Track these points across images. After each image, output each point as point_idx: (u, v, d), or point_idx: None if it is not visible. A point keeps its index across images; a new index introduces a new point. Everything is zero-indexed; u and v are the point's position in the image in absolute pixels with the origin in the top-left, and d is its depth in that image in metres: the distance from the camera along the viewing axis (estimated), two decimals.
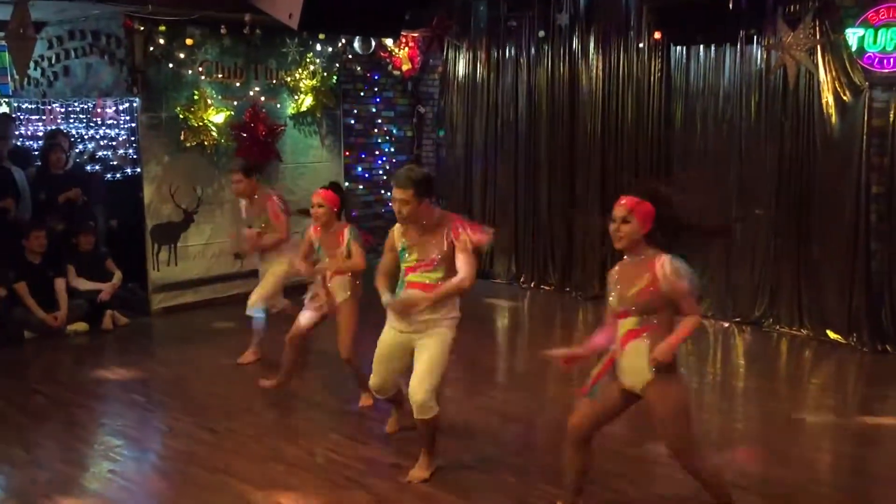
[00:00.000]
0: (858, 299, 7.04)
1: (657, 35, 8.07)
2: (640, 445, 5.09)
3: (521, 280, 9.52)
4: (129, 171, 8.64)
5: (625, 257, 3.86)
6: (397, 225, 4.51)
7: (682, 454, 3.81)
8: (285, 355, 5.74)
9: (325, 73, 9.10)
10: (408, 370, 4.56)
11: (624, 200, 3.77)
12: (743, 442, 5.19)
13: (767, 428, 5.39)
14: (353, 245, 5.37)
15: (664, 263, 3.70)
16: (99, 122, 8.90)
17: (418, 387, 4.39)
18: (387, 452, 5.00)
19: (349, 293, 5.45)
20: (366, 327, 5.28)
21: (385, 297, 4.48)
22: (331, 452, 5.00)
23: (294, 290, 6.53)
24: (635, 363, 3.77)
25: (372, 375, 4.71)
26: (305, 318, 5.63)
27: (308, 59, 8.96)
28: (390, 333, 4.60)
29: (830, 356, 7.01)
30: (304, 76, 8.95)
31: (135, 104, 8.07)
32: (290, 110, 8.97)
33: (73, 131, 8.96)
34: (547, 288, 9.29)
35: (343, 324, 5.47)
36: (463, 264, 4.36)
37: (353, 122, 9.75)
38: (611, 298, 3.87)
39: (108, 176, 8.80)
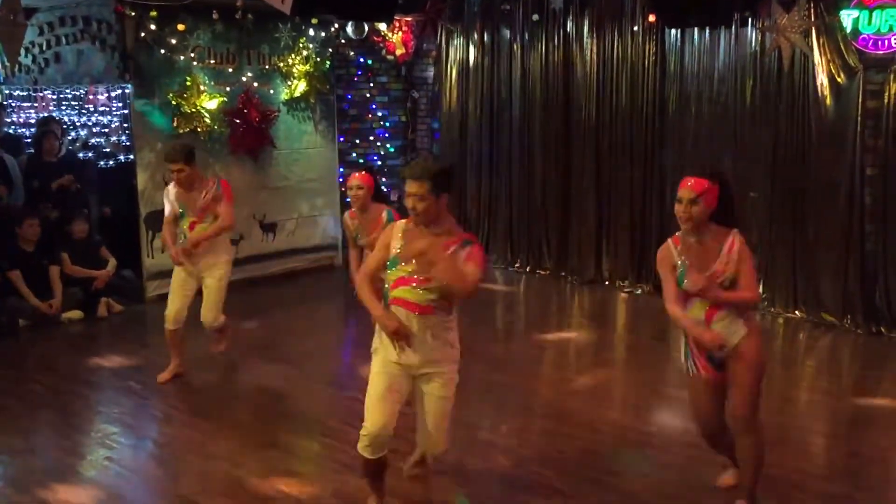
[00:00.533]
0: (853, 281, 7.06)
1: (651, 18, 8.04)
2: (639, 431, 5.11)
3: (517, 265, 9.53)
4: (122, 158, 8.60)
5: (686, 238, 3.93)
6: (402, 222, 3.85)
7: (750, 408, 3.87)
8: None
9: (319, 59, 9.05)
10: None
11: (691, 182, 3.84)
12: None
13: (762, 409, 5.40)
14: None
15: (738, 240, 3.84)
16: (91, 109, 8.86)
17: (439, 440, 3.97)
18: None
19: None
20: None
21: (378, 312, 3.73)
22: (326, 438, 5.02)
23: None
24: (724, 327, 3.85)
25: (367, 421, 3.91)
26: None
27: (301, 44, 8.91)
28: (390, 368, 3.85)
29: (825, 338, 7.03)
30: (297, 61, 8.90)
31: (127, 91, 8.02)
32: (284, 96, 8.93)
33: (66, 118, 8.92)
34: (542, 273, 9.30)
35: None
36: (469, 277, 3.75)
37: (346, 107, 9.71)
38: (686, 283, 3.86)
39: (102, 163, 8.77)
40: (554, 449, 4.86)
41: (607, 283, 8.75)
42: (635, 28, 8.24)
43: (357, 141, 9.86)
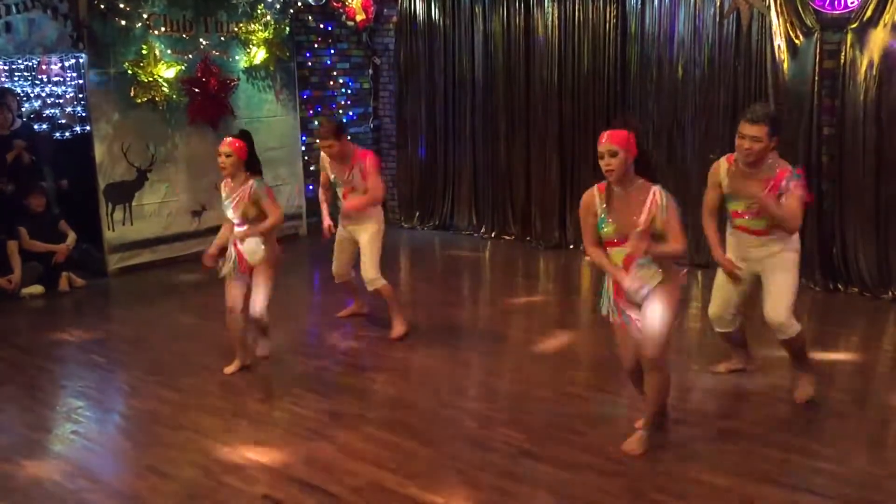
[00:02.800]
0: (810, 240, 7.17)
1: None
2: (604, 391, 5.19)
3: (482, 231, 9.55)
4: (78, 129, 8.44)
5: (613, 188, 4.07)
6: (724, 162, 4.65)
7: (657, 349, 4.06)
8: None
9: (278, 25, 8.92)
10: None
11: (605, 135, 4.00)
12: (699, 379, 5.30)
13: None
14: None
15: (659, 194, 3.98)
16: (44, 80, 8.66)
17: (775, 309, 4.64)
18: (350, 404, 5.04)
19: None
20: None
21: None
22: (294, 406, 5.03)
23: None
24: (644, 275, 4.06)
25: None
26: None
27: (259, 11, 8.77)
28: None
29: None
30: (255, 28, 8.76)
31: (81, 60, 7.85)
32: (243, 64, 8.80)
33: (19, 90, 8.71)
34: (507, 238, 9.34)
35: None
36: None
37: (307, 74, 9.60)
38: (605, 228, 4.08)
39: (57, 135, 8.60)
40: (521, 411, 4.92)
41: (571, 247, 8.82)
42: None
43: (319, 108, 9.77)
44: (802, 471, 4.16)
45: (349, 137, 6.18)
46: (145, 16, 7.94)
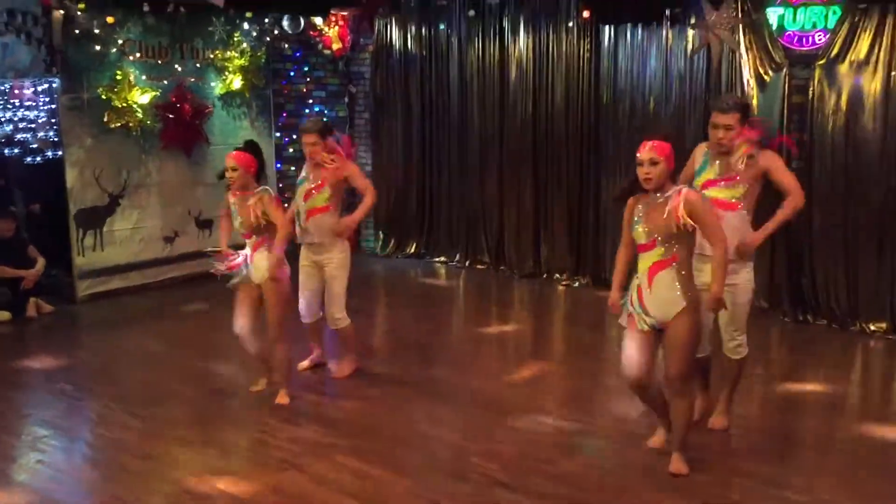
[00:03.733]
0: (779, 272, 7.28)
1: (586, 14, 8.15)
2: (578, 421, 5.18)
3: (456, 259, 9.57)
4: (49, 154, 8.37)
5: (649, 197, 4.20)
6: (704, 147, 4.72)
7: (681, 378, 4.18)
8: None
9: (254, 53, 8.94)
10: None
11: (648, 144, 4.18)
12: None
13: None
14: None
15: (688, 193, 4.11)
16: (17, 104, 8.58)
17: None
18: (321, 433, 4.99)
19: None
20: None
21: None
22: (264, 435, 4.98)
23: None
24: (665, 296, 4.12)
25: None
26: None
27: (235, 39, 8.78)
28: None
29: (755, 325, 7.19)
30: (231, 56, 8.78)
31: (54, 85, 7.80)
32: (219, 90, 8.80)
33: None
34: (481, 266, 9.36)
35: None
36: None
37: (283, 102, 9.61)
38: (639, 229, 4.19)
39: (29, 159, 8.51)
40: (494, 440, 4.91)
41: (545, 275, 8.86)
42: (570, 24, 8.35)
43: (294, 136, 9.76)
44: (772, 501, 4.17)
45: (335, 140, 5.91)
46: (120, 41, 7.92)
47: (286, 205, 5.91)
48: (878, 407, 5.65)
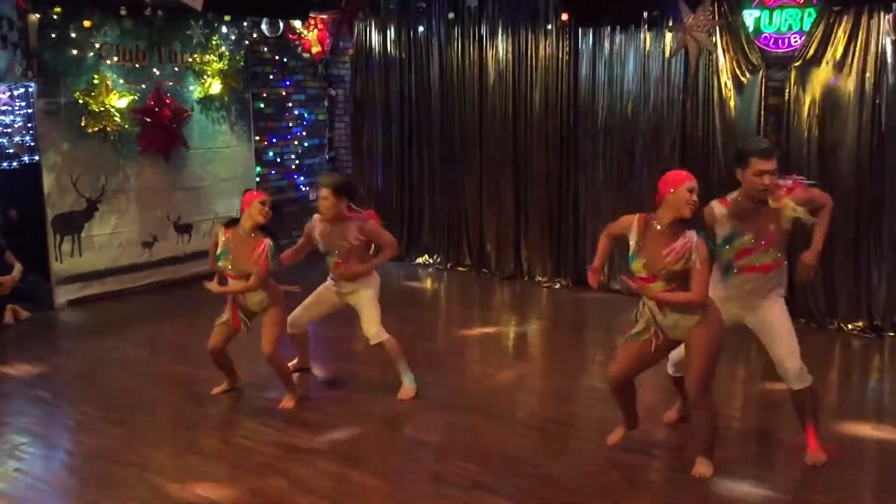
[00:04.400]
0: None
1: (564, 17, 8.19)
2: (560, 423, 5.20)
3: (438, 261, 9.57)
4: (26, 159, 8.29)
5: (657, 226, 4.17)
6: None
7: (699, 388, 4.19)
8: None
9: (233, 56, 8.91)
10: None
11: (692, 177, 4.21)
12: (647, 409, 5.32)
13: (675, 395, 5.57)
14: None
15: (700, 243, 4.08)
16: None
17: None
18: (303, 438, 4.97)
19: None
20: None
21: None
22: (245, 440, 4.95)
23: None
24: (678, 314, 4.16)
25: None
26: None
27: (214, 42, 8.75)
28: None
29: (736, 327, 7.26)
30: (210, 59, 8.74)
31: (30, 89, 7.74)
32: (198, 94, 8.75)
33: None
34: (463, 269, 9.37)
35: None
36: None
37: (262, 105, 9.59)
38: (636, 263, 4.18)
39: (5, 164, 8.42)
40: (477, 443, 4.91)
41: (527, 277, 8.88)
42: (549, 27, 8.38)
43: (274, 140, 9.75)
44: (754, 500, 4.20)
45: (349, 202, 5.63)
46: (97, 45, 7.87)
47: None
48: (855, 405, 5.71)
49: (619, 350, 4.55)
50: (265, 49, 9.44)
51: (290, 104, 9.88)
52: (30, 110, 8.00)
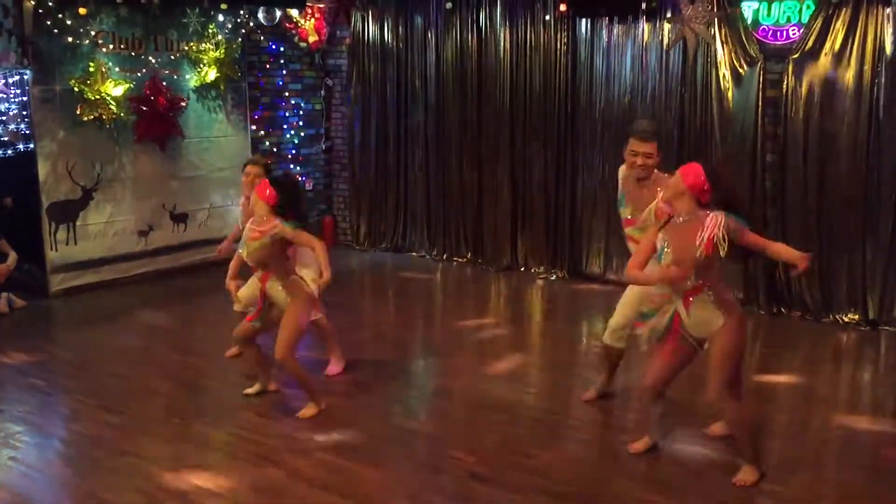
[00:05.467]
0: (755, 264, 7.33)
1: (563, 7, 8.16)
2: (555, 414, 5.21)
3: (434, 253, 9.56)
4: (21, 147, 8.25)
5: (678, 219, 4.17)
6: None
7: (714, 391, 4.16)
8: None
9: (229, 45, 8.86)
10: None
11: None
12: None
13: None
14: None
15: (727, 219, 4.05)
16: None
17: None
18: (299, 428, 4.97)
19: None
20: None
21: None
22: (241, 430, 4.95)
23: None
24: (703, 315, 4.15)
25: None
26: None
27: (210, 30, 8.70)
28: None
29: None
30: (206, 48, 8.69)
31: (26, 76, 7.69)
32: (193, 83, 8.71)
33: None
34: (459, 260, 9.36)
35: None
36: None
37: (259, 95, 9.55)
38: (666, 258, 4.12)
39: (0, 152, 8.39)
40: (472, 433, 4.91)
41: (523, 269, 8.88)
42: (547, 18, 8.35)
43: (270, 129, 9.71)
44: (748, 492, 4.21)
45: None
46: (93, 33, 7.82)
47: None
48: (850, 397, 5.73)
49: (650, 359, 4.46)
50: (262, 38, 9.40)
51: (287, 94, 9.84)
52: (25, 98, 7.96)
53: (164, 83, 8.37)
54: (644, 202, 4.71)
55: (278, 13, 9.23)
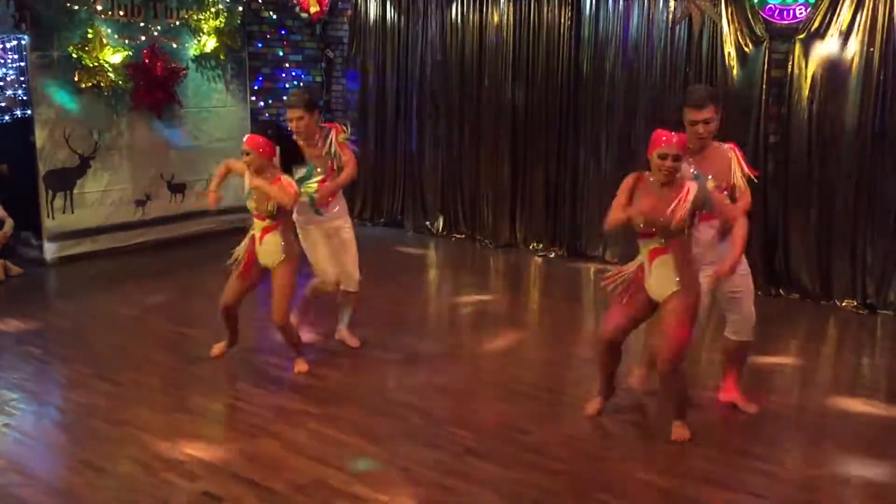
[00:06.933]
0: (754, 246, 7.27)
1: None
2: (551, 391, 5.21)
3: (433, 229, 9.53)
4: (18, 113, 8.19)
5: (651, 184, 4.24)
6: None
7: (674, 356, 4.22)
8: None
9: (229, 14, 8.76)
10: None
11: (674, 137, 4.16)
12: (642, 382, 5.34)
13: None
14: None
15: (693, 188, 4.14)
16: None
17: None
18: (295, 400, 4.97)
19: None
20: None
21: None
22: (237, 401, 4.94)
23: None
24: (662, 275, 4.26)
25: None
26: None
27: None
28: None
29: None
30: (206, 16, 8.60)
31: (23, 41, 7.61)
32: (193, 52, 8.63)
33: None
34: (458, 236, 9.33)
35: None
36: None
37: (259, 65, 9.46)
38: (639, 222, 4.20)
39: None
40: (468, 409, 4.91)
41: (521, 246, 8.85)
42: None
43: (270, 100, 9.64)
44: (743, 472, 4.22)
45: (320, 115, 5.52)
46: None
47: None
48: (847, 380, 5.73)
49: (610, 309, 4.57)
50: (263, 8, 9.30)
51: (287, 64, 9.75)
52: (22, 63, 7.89)
53: (163, 51, 8.29)
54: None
55: None
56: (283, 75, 9.73)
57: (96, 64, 7.76)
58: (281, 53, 9.66)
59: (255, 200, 5.06)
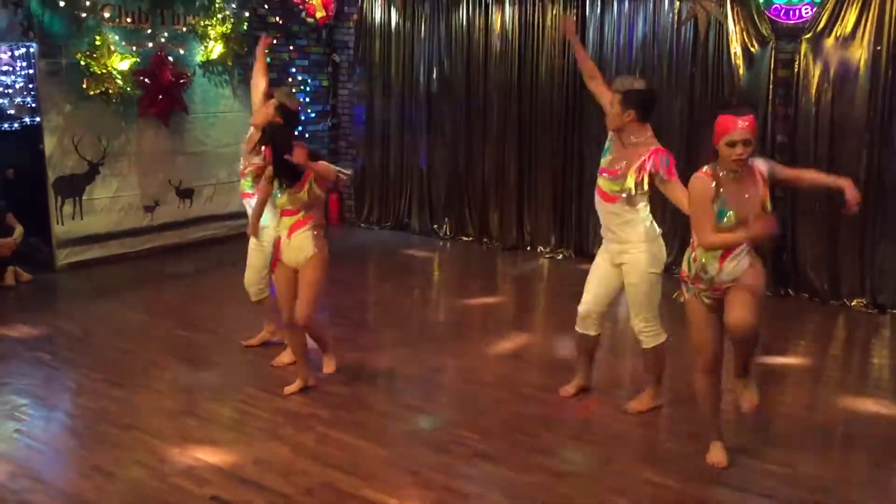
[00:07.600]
0: (763, 246, 7.27)
1: None
2: (554, 391, 5.20)
3: (440, 231, 9.53)
4: (27, 120, 8.23)
5: (724, 175, 3.90)
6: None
7: (752, 333, 3.85)
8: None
9: (236, 20, 8.80)
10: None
11: (746, 120, 3.88)
12: (638, 381, 5.30)
13: (675, 365, 5.57)
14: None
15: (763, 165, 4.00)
16: None
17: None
18: (303, 404, 4.97)
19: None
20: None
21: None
22: (245, 405, 4.95)
23: None
24: (737, 268, 3.88)
25: None
26: None
27: (217, 5, 8.63)
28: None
29: None
30: (213, 22, 8.64)
31: (32, 49, 7.65)
32: (200, 58, 8.66)
33: None
34: (465, 238, 9.33)
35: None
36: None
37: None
38: (726, 219, 3.81)
39: (5, 126, 8.37)
40: (476, 412, 4.91)
41: (529, 247, 8.85)
42: None
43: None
44: (752, 473, 4.21)
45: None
46: (99, 6, 7.77)
47: None
48: (856, 380, 5.71)
49: (694, 339, 4.13)
50: (269, 13, 9.32)
51: (294, 69, 9.78)
52: (31, 71, 7.93)
53: (170, 58, 8.33)
54: (626, 158, 4.77)
55: None
56: (290, 80, 9.75)
57: (104, 71, 7.79)
58: (287, 58, 9.68)
59: (287, 195, 4.88)
